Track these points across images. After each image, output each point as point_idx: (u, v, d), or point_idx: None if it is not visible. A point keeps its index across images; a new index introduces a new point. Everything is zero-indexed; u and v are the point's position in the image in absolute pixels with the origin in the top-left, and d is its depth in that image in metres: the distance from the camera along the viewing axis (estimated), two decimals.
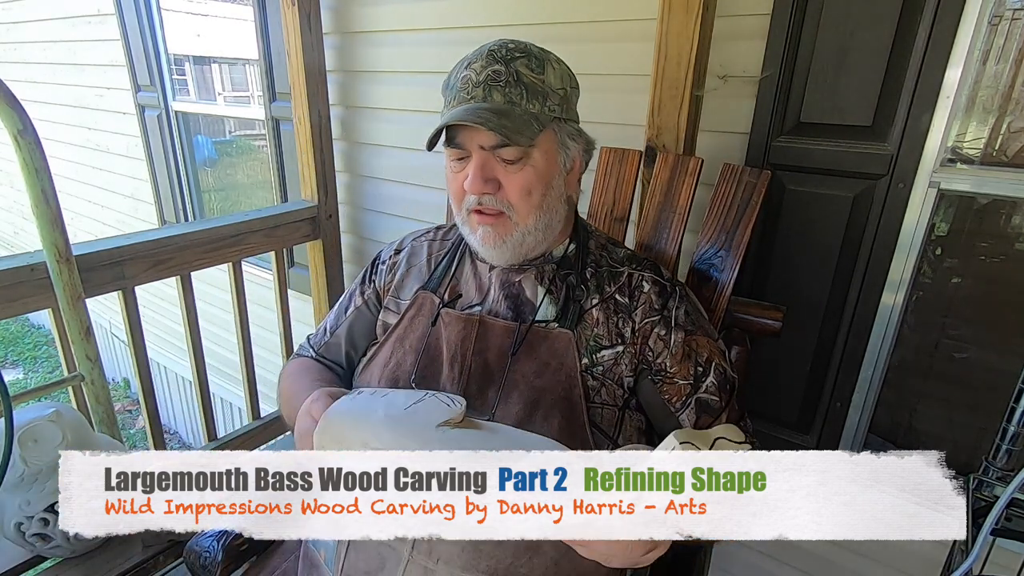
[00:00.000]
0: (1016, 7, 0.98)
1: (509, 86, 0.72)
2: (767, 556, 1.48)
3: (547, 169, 0.76)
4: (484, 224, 0.76)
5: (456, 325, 0.80)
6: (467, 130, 0.72)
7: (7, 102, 1.09)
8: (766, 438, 1.34)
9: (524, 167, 0.74)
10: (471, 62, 0.73)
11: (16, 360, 4.84)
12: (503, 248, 0.77)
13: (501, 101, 0.72)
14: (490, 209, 0.75)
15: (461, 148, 0.74)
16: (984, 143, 1.07)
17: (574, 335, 0.77)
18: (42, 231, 1.19)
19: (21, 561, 1.03)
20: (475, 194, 0.74)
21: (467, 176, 0.74)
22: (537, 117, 0.73)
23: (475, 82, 0.72)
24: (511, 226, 0.76)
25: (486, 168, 0.73)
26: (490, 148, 0.72)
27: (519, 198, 0.74)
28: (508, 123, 0.70)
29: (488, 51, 0.73)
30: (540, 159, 0.74)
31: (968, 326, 1.20)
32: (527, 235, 0.77)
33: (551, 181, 0.77)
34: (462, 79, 0.73)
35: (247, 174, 3.10)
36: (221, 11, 3.10)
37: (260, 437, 1.86)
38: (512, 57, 0.73)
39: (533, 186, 0.74)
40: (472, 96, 0.72)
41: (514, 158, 0.73)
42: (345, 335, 0.95)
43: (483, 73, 0.72)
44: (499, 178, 0.74)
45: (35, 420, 0.97)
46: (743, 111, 1.22)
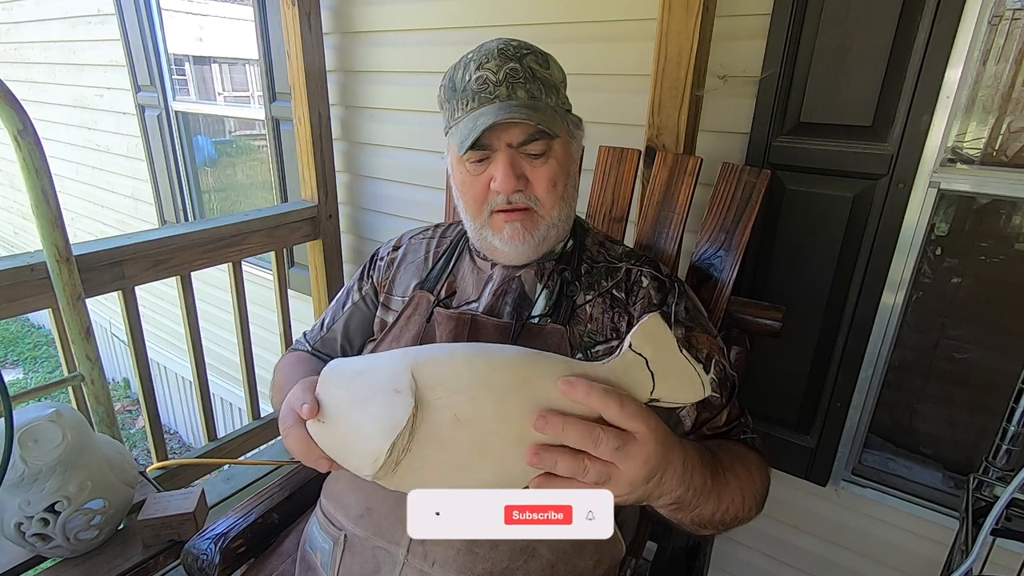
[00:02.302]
0: (1016, 7, 0.98)
1: (528, 82, 0.72)
2: (767, 556, 1.48)
3: (566, 160, 0.77)
4: (511, 222, 0.76)
5: (448, 324, 0.80)
6: (496, 129, 0.71)
7: (7, 102, 1.09)
8: (766, 438, 1.34)
9: (548, 160, 0.74)
10: (483, 63, 0.73)
11: (16, 360, 4.84)
12: (529, 243, 0.77)
13: (525, 97, 0.72)
14: (518, 206, 0.75)
15: (486, 148, 0.73)
16: (984, 143, 1.07)
17: (567, 331, 0.77)
18: (42, 231, 1.20)
19: (21, 561, 1.03)
20: (507, 192, 0.73)
21: (491, 177, 0.73)
22: (555, 110, 0.74)
23: (495, 81, 0.72)
24: (538, 220, 0.76)
25: (515, 165, 0.73)
26: (518, 145, 0.72)
27: (546, 191, 0.74)
28: (543, 117, 0.71)
29: (498, 50, 0.73)
30: (561, 150, 0.75)
31: (968, 326, 1.20)
32: (551, 228, 0.77)
33: (570, 171, 0.78)
34: (479, 80, 0.72)
35: (247, 174, 3.11)
36: (221, 11, 3.10)
37: (260, 437, 1.87)
38: (522, 54, 0.73)
39: (558, 178, 0.75)
40: (496, 95, 0.72)
41: (540, 152, 0.73)
42: (341, 330, 0.96)
43: (500, 72, 0.72)
44: (526, 174, 0.74)
45: (35, 420, 0.97)
46: (743, 111, 1.22)
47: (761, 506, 0.71)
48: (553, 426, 0.47)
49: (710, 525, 0.64)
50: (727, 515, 0.64)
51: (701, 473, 0.58)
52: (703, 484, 0.58)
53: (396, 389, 0.51)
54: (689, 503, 0.58)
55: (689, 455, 0.56)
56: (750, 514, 0.68)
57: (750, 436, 0.78)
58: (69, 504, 0.98)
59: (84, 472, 1.01)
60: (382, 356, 0.58)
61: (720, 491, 0.62)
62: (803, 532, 1.41)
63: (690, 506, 0.58)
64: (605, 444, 0.47)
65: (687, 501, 0.57)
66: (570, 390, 0.48)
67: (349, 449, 0.54)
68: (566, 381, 0.48)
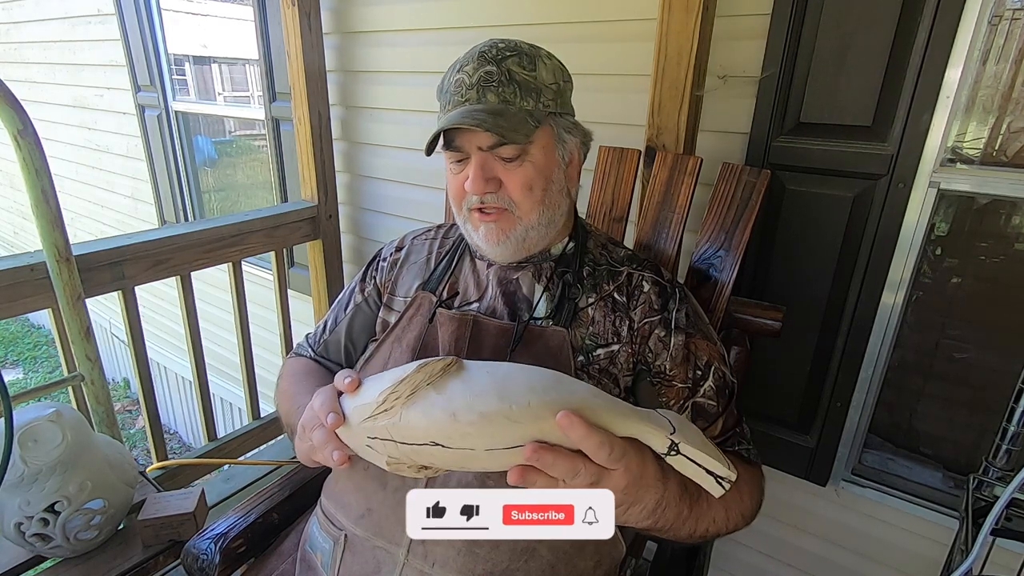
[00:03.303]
0: (1016, 7, 0.98)
1: (502, 85, 0.72)
2: (767, 556, 1.48)
3: (546, 164, 0.76)
4: (486, 222, 0.77)
5: (450, 325, 0.80)
6: (465, 132, 0.73)
7: (7, 102, 1.09)
8: (766, 438, 1.35)
9: (523, 164, 0.74)
10: (463, 65, 0.74)
11: (16, 360, 4.84)
12: (506, 244, 0.77)
13: (495, 101, 0.72)
14: (492, 207, 0.76)
15: (460, 151, 0.75)
16: (984, 143, 1.07)
17: (568, 333, 0.77)
18: (42, 231, 1.20)
19: (21, 561, 1.03)
20: (477, 194, 0.74)
21: (467, 177, 0.74)
22: (532, 114, 0.74)
23: (468, 84, 0.72)
24: (514, 221, 0.76)
25: (486, 168, 0.74)
26: (488, 148, 0.73)
27: (521, 194, 0.75)
28: (504, 122, 0.71)
29: (479, 53, 0.73)
30: (538, 154, 0.75)
31: (968, 326, 1.20)
32: (530, 230, 0.77)
33: (551, 175, 0.77)
34: (455, 82, 0.74)
35: (247, 174, 3.10)
36: (221, 11, 3.10)
37: (260, 437, 1.87)
38: (503, 56, 0.73)
39: (534, 181, 0.75)
40: (466, 99, 0.73)
41: (512, 156, 0.73)
42: (345, 331, 0.95)
43: (475, 75, 0.72)
44: (499, 176, 0.74)
45: (35, 420, 0.97)
46: (743, 111, 1.22)
47: (750, 519, 0.73)
48: (543, 461, 0.51)
49: (688, 541, 0.68)
50: (708, 532, 0.67)
51: (676, 508, 0.62)
52: (677, 516, 0.62)
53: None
54: (660, 530, 0.63)
55: (668, 494, 0.60)
56: (735, 528, 0.71)
57: (745, 447, 0.78)
58: (69, 504, 0.98)
59: (84, 472, 1.01)
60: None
61: (699, 516, 0.65)
62: (803, 532, 1.41)
63: (661, 531, 0.63)
64: (583, 478, 0.52)
65: (657, 529, 0.62)
66: (569, 428, 0.51)
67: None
68: (566, 416, 0.51)
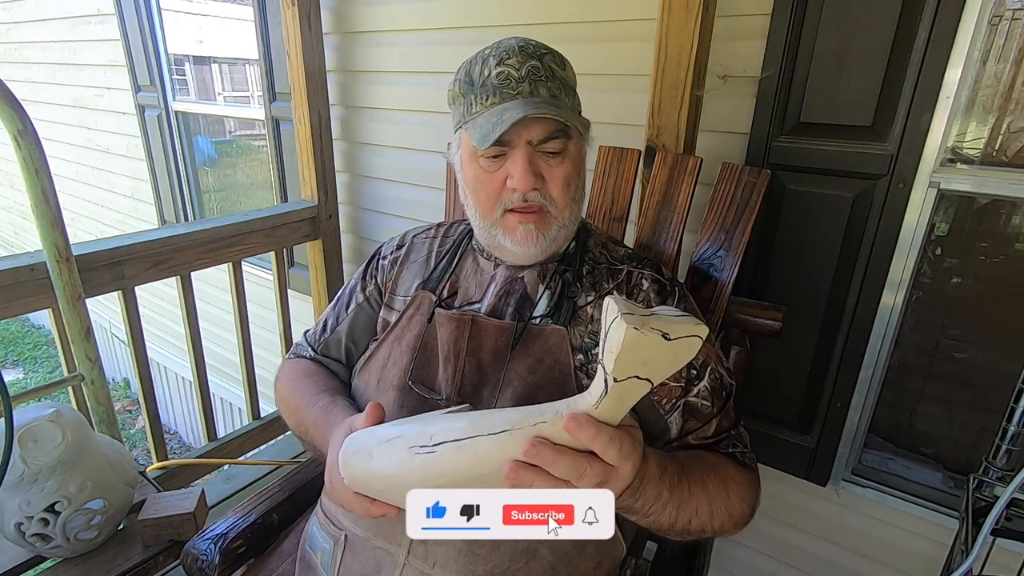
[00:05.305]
0: (1016, 7, 0.98)
1: (549, 80, 0.72)
2: (767, 556, 1.48)
3: (579, 160, 0.77)
4: (525, 222, 0.75)
5: (449, 325, 0.80)
6: (514, 125, 0.70)
7: (7, 102, 1.09)
8: (766, 438, 1.35)
9: (564, 159, 0.74)
10: (504, 58, 0.72)
11: (16, 360, 4.84)
12: (540, 244, 0.76)
13: (547, 95, 0.72)
14: (533, 206, 0.74)
15: (506, 144, 0.72)
16: (984, 143, 1.07)
17: (567, 332, 0.77)
18: (42, 231, 1.20)
19: (21, 561, 1.03)
20: (525, 190, 0.73)
21: (507, 174, 0.73)
22: (572, 110, 0.75)
23: (518, 77, 0.71)
24: (551, 220, 0.76)
25: (532, 163, 0.72)
26: (538, 142, 0.72)
27: (560, 191, 0.74)
28: (567, 115, 0.71)
29: (519, 47, 0.73)
30: (575, 151, 0.75)
31: (968, 326, 1.20)
32: (561, 229, 0.77)
33: (581, 172, 0.78)
34: (500, 75, 0.72)
35: (247, 174, 3.10)
36: (221, 11, 3.10)
37: (260, 437, 1.87)
38: (541, 53, 0.73)
39: (571, 178, 0.75)
40: (519, 91, 0.71)
41: (557, 150, 0.73)
42: (346, 332, 0.94)
43: (523, 68, 0.71)
44: (542, 172, 0.73)
45: (35, 420, 0.97)
46: (743, 111, 1.22)
47: (740, 522, 0.70)
48: (543, 457, 0.49)
49: (672, 532, 0.65)
50: (690, 526, 0.65)
51: (656, 486, 0.59)
52: (656, 496, 0.60)
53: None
54: (640, 510, 0.60)
55: (648, 472, 0.58)
56: (723, 529, 0.69)
57: (740, 451, 0.77)
58: (69, 504, 0.98)
59: (84, 472, 1.01)
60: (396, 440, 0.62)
61: (681, 503, 0.63)
62: (803, 532, 1.41)
63: (641, 512, 0.61)
64: (589, 479, 0.50)
65: (636, 509, 0.60)
66: (576, 430, 0.49)
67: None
68: (574, 419, 0.49)
